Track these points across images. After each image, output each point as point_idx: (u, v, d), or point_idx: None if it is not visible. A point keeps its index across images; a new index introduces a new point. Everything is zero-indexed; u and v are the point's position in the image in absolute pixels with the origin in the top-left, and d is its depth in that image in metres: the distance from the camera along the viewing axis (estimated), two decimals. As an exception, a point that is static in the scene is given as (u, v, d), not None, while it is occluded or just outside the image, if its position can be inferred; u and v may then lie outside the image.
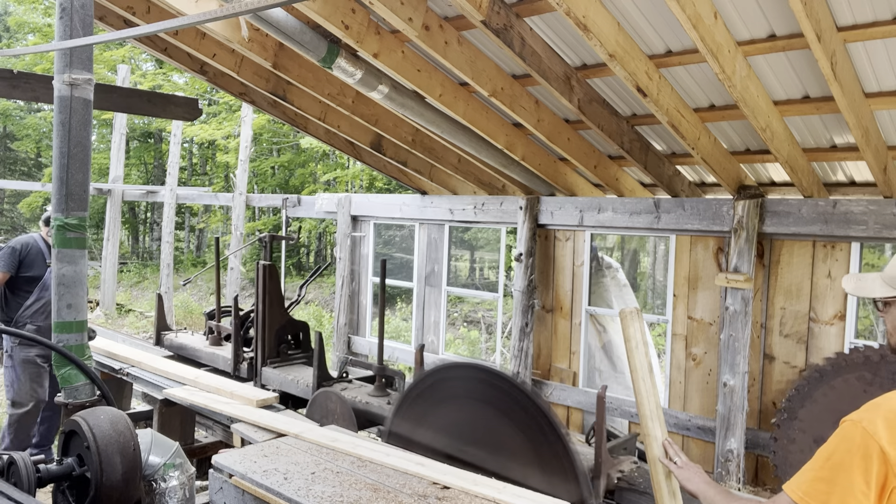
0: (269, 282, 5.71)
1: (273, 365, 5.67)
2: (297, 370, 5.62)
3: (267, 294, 5.69)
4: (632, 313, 2.52)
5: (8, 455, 2.34)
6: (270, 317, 5.71)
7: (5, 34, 24.34)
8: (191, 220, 26.23)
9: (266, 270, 5.75)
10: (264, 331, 5.70)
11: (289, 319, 5.92)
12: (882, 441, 1.46)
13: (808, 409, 5.27)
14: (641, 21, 4.17)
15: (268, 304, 5.69)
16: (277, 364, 5.71)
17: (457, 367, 3.63)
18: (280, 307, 5.81)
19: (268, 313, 5.69)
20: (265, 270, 5.75)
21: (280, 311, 5.81)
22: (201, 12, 1.81)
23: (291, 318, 5.96)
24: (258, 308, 5.73)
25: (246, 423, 3.80)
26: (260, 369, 5.69)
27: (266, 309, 5.69)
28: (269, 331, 5.71)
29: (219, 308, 6.74)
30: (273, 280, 5.75)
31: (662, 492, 2.29)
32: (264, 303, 5.68)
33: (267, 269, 5.75)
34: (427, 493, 2.61)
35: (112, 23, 5.74)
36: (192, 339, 6.77)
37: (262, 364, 5.68)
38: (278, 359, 5.76)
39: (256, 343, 5.76)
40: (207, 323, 6.85)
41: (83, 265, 2.94)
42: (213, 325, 6.60)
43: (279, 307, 5.80)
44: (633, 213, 6.42)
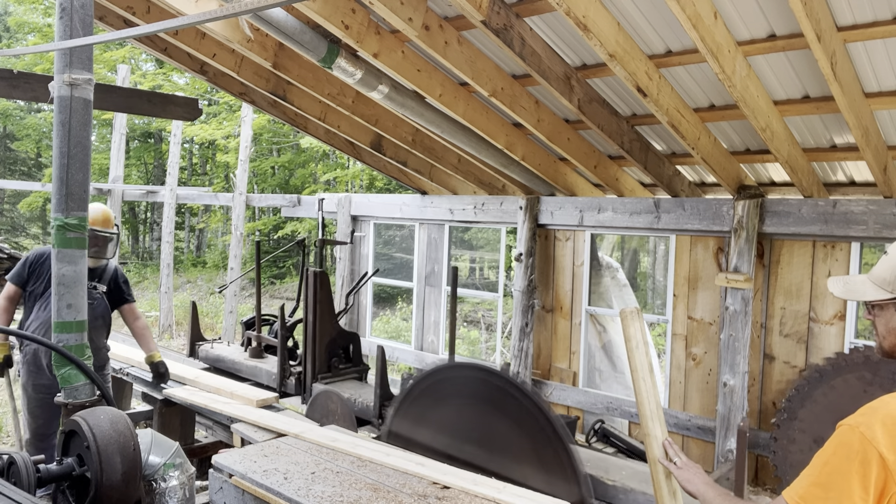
0: (320, 290, 5.31)
1: (324, 380, 5.31)
2: (351, 387, 5.26)
3: (318, 303, 5.30)
4: (632, 313, 2.51)
5: (8, 455, 2.34)
6: (321, 328, 5.33)
7: (5, 34, 24.34)
8: (191, 220, 26.23)
9: (317, 278, 5.34)
10: (315, 343, 5.30)
11: (339, 331, 5.52)
12: (880, 446, 1.45)
13: (808, 409, 5.27)
14: (641, 21, 4.17)
15: (319, 314, 5.32)
16: (329, 379, 5.35)
17: (457, 367, 3.64)
18: (331, 318, 5.44)
19: (319, 324, 5.32)
20: (316, 278, 5.35)
21: (331, 321, 5.42)
22: (201, 12, 1.81)
23: (342, 329, 5.58)
24: (307, 318, 5.35)
25: (246, 423, 3.80)
26: (310, 385, 5.28)
27: (317, 320, 5.31)
28: (319, 343, 5.33)
29: (259, 317, 6.38)
30: (324, 289, 5.36)
31: (662, 492, 2.29)
32: (315, 313, 5.30)
33: (318, 276, 5.35)
34: (427, 492, 2.61)
35: (112, 23, 5.73)
36: (229, 350, 6.38)
37: (312, 379, 5.28)
38: (329, 374, 5.38)
39: (305, 356, 5.36)
40: (245, 333, 6.47)
41: (83, 265, 2.94)
42: (254, 336, 6.22)
43: (330, 318, 5.42)
44: (633, 213, 6.42)
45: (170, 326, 13.65)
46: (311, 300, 5.33)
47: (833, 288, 1.83)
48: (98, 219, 4.51)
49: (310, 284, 5.36)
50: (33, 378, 4.44)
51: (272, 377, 5.61)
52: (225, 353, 6.24)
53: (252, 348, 6.14)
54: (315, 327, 5.31)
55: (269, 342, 6.10)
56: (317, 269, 5.45)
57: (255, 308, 6.37)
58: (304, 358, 5.36)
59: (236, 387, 4.84)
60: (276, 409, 4.35)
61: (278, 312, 5.69)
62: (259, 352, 6.13)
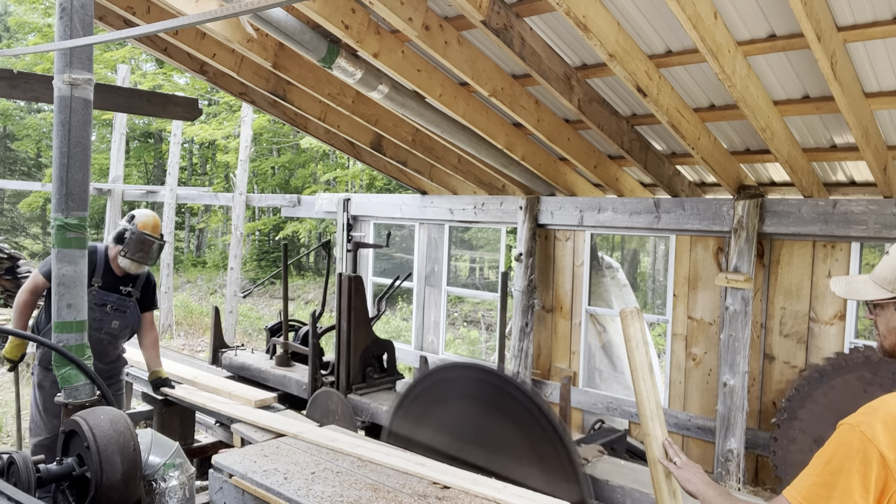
0: (354, 296, 5.01)
1: (359, 391, 5.03)
2: (388, 398, 5.01)
3: (353, 310, 5.00)
4: (632, 313, 2.51)
5: (8, 455, 2.34)
6: (356, 336, 5.03)
7: (5, 34, 24.34)
8: (191, 220, 26.24)
9: (351, 283, 5.04)
10: (349, 352, 5.02)
11: (374, 339, 5.20)
12: (881, 445, 1.45)
13: (808, 409, 5.27)
14: (641, 21, 4.17)
15: (353, 321, 5.01)
16: (364, 390, 5.06)
17: (457, 367, 3.64)
18: (366, 325, 5.12)
19: (353, 332, 5.01)
20: (350, 283, 5.04)
21: (366, 329, 5.12)
22: (201, 12, 1.81)
23: (377, 338, 5.24)
24: (341, 326, 5.05)
25: (245, 424, 3.80)
26: (346, 395, 5.03)
27: (351, 327, 5.00)
28: (354, 352, 5.03)
29: (286, 323, 6.07)
30: (359, 294, 5.06)
31: (662, 492, 2.29)
32: (349, 320, 5.00)
33: (352, 281, 5.05)
34: (427, 492, 2.61)
35: (112, 23, 5.73)
36: (254, 358, 6.11)
37: (347, 390, 5.03)
38: (364, 384, 5.09)
39: (338, 366, 5.07)
40: (271, 340, 6.19)
41: (83, 265, 2.94)
42: (280, 343, 5.92)
43: (365, 325, 5.10)
44: (633, 213, 6.42)
45: (170, 326, 13.66)
46: (344, 306, 5.01)
47: (835, 287, 1.83)
48: (149, 224, 4.48)
49: (343, 289, 5.05)
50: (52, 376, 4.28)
51: (302, 387, 5.38)
52: (250, 360, 5.98)
53: (279, 356, 5.86)
54: (349, 335, 5.02)
55: (296, 350, 5.83)
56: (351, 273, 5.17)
57: (282, 313, 6.05)
58: (337, 367, 5.09)
59: (234, 387, 4.83)
60: (275, 410, 4.35)
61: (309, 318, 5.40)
62: (286, 360, 5.87)
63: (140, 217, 4.53)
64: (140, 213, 4.59)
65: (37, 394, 4.34)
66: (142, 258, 4.46)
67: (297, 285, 20.41)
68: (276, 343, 6.03)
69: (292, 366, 5.82)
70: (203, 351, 12.50)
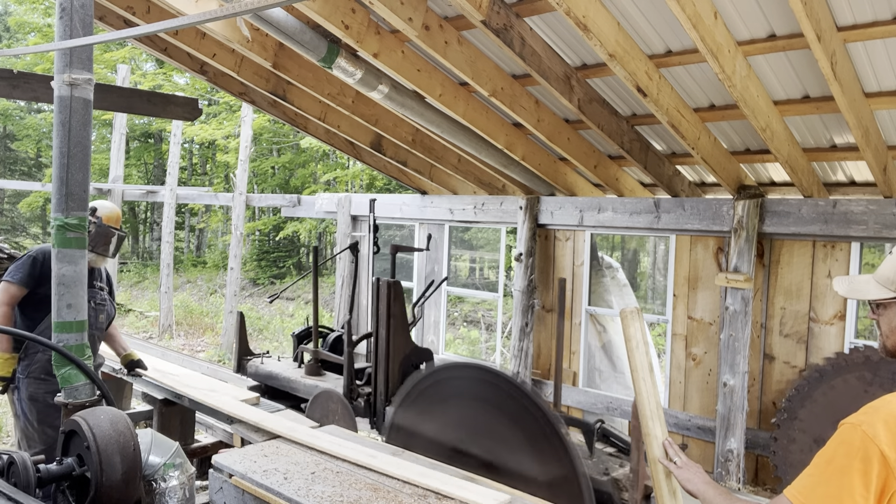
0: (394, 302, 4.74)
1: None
2: None
3: (392, 317, 4.72)
4: (632, 313, 2.51)
5: (8, 455, 2.34)
6: (395, 344, 4.76)
7: (5, 34, 24.35)
8: (191, 220, 26.24)
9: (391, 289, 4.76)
10: (387, 361, 4.73)
11: (413, 347, 4.90)
12: (882, 444, 1.45)
13: (808, 409, 5.28)
14: (641, 21, 4.17)
15: (392, 328, 4.73)
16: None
17: (457, 367, 3.64)
18: (405, 332, 4.84)
19: (392, 340, 4.73)
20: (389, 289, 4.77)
21: (405, 337, 4.84)
22: (201, 12, 1.81)
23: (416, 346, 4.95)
24: (379, 333, 4.78)
25: (245, 424, 3.80)
26: (382, 408, 4.71)
27: (391, 335, 4.72)
28: (392, 361, 4.74)
29: (316, 330, 5.75)
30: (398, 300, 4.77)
31: (662, 491, 2.29)
32: (388, 327, 4.72)
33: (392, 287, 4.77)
34: (427, 492, 2.61)
35: (112, 23, 5.73)
36: (281, 366, 5.79)
37: (385, 402, 4.69)
38: None
39: (376, 376, 4.79)
40: (300, 348, 5.89)
41: (83, 265, 2.94)
42: (311, 351, 5.60)
43: (404, 332, 4.83)
44: (633, 213, 6.42)
45: (170, 326, 13.66)
46: (383, 313, 4.72)
47: (838, 287, 1.84)
48: (113, 216, 4.40)
49: (382, 295, 4.74)
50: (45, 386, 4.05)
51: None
52: (277, 369, 5.66)
53: (308, 365, 5.52)
54: (388, 343, 4.73)
55: (327, 358, 5.52)
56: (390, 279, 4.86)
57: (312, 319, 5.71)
58: (375, 377, 4.80)
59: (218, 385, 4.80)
60: (273, 409, 4.34)
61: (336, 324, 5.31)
62: (317, 369, 5.56)
63: (103, 209, 4.41)
64: (102, 204, 4.47)
65: (27, 407, 4.08)
66: (104, 251, 4.37)
67: (297, 285, 20.40)
68: (304, 351, 5.75)
69: (323, 375, 5.56)
70: (203, 351, 12.50)
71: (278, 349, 12.82)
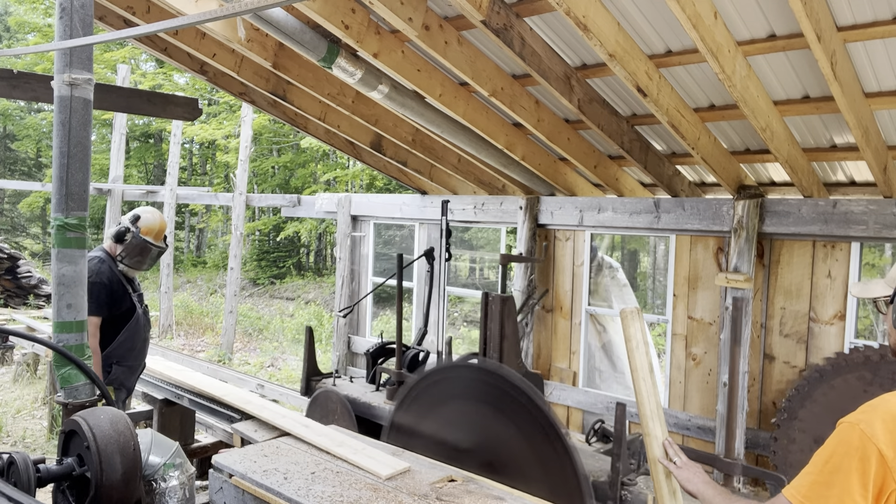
0: (506, 321, 4.14)
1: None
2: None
3: (504, 338, 4.15)
4: (632, 313, 2.52)
5: (8, 455, 2.34)
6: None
7: (5, 34, 24.35)
8: (191, 220, 26.24)
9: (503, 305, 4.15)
10: None
11: (525, 371, 4.30)
12: (880, 443, 1.45)
13: (808, 409, 5.28)
14: (641, 21, 4.17)
15: (504, 350, 4.14)
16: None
17: (457, 367, 3.64)
18: (517, 355, 4.27)
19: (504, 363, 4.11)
20: (503, 305, 4.15)
21: (517, 360, 4.27)
22: (201, 12, 1.81)
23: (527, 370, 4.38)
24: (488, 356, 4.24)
25: (246, 424, 3.80)
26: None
27: (503, 358, 4.16)
28: None
29: (399, 349, 5.05)
30: (511, 319, 4.17)
31: (662, 491, 2.29)
32: (500, 349, 4.13)
33: (504, 303, 4.17)
34: (427, 492, 2.61)
35: (112, 23, 5.73)
36: (355, 388, 5.19)
37: None
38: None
39: None
40: (375, 367, 5.29)
41: (83, 265, 2.94)
42: (393, 373, 4.98)
43: (516, 355, 4.25)
44: (633, 213, 6.43)
45: (170, 326, 13.66)
46: (494, 332, 4.15)
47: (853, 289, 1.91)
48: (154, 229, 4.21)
49: (494, 312, 4.18)
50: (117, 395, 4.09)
51: None
52: (352, 391, 5.06)
53: (391, 388, 4.92)
54: None
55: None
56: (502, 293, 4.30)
57: (396, 335, 5.07)
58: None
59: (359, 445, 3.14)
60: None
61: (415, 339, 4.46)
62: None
63: (145, 221, 4.23)
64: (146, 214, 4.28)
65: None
66: (138, 264, 4.24)
67: (297, 285, 20.41)
68: (382, 371, 5.17)
69: None
70: (203, 351, 12.51)
71: (278, 349, 12.83)
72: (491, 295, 4.22)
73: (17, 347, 9.41)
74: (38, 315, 10.18)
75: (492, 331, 4.18)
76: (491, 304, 4.21)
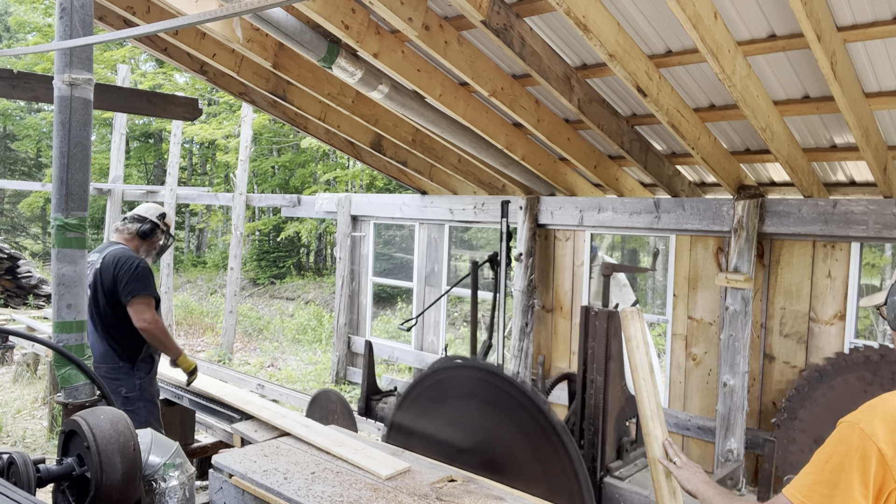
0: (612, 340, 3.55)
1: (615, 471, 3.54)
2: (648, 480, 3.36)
3: (610, 359, 3.54)
4: (632, 313, 2.52)
5: (8, 455, 2.34)
6: (612, 395, 3.59)
7: (5, 34, 24.35)
8: (191, 219, 26.24)
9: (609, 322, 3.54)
10: (603, 417, 3.55)
11: (628, 396, 3.73)
12: (880, 442, 1.45)
13: (808, 409, 5.28)
14: (641, 21, 4.17)
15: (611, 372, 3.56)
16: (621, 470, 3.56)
17: (457, 367, 3.64)
18: (622, 378, 3.70)
19: (609, 389, 3.57)
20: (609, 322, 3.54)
21: (621, 385, 3.69)
22: (201, 12, 1.81)
23: (630, 395, 3.74)
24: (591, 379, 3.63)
25: (246, 424, 3.80)
26: (600, 481, 3.51)
27: (608, 383, 3.56)
28: (608, 417, 3.58)
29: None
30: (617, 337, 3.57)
31: (662, 491, 2.29)
32: (605, 371, 3.55)
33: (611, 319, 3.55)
34: (427, 492, 2.61)
35: (112, 23, 5.73)
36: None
37: (602, 470, 3.54)
38: (620, 461, 3.61)
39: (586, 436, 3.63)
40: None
41: (83, 265, 2.94)
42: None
43: (620, 380, 3.68)
44: (633, 213, 6.42)
45: (170, 326, 13.65)
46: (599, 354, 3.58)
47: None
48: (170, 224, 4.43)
49: (598, 330, 3.58)
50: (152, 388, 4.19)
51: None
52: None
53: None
54: (605, 393, 3.56)
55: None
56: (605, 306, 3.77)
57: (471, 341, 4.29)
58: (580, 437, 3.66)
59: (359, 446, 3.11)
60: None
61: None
62: None
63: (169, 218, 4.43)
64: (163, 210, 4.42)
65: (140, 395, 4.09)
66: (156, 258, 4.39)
67: (297, 285, 20.39)
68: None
69: None
70: (203, 351, 12.51)
71: (278, 349, 12.83)
72: (594, 309, 3.60)
73: (17, 347, 9.41)
74: (38, 315, 10.17)
75: (595, 351, 3.60)
76: (594, 321, 3.60)
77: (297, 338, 13.73)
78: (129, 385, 4.05)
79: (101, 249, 4.23)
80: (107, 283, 3.99)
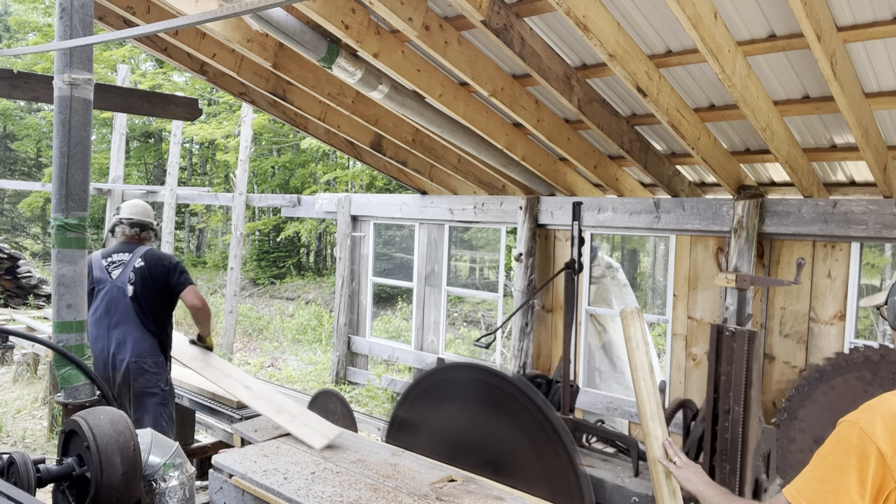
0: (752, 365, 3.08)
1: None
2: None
3: (750, 387, 3.09)
4: (632, 313, 2.52)
5: (8, 455, 2.34)
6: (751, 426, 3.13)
7: (5, 34, 24.35)
8: (191, 220, 26.23)
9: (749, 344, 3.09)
10: (742, 452, 3.09)
11: (763, 428, 3.35)
12: (879, 442, 1.45)
13: (808, 409, 5.28)
14: (641, 21, 4.17)
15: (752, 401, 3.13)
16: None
17: (458, 367, 3.64)
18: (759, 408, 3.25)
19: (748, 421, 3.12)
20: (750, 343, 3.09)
21: (759, 412, 3.27)
22: (201, 12, 1.81)
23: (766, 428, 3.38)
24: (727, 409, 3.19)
25: (246, 424, 3.80)
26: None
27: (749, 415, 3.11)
28: (745, 452, 3.11)
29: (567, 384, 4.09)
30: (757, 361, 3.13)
31: (662, 491, 2.29)
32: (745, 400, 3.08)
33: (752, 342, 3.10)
34: (427, 492, 2.61)
35: (112, 23, 5.73)
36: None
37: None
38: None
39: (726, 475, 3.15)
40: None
41: (83, 265, 2.94)
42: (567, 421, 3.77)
43: (757, 409, 3.23)
44: (633, 213, 6.42)
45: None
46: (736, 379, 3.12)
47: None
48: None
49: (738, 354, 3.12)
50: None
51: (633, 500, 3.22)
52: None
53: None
54: (745, 427, 3.12)
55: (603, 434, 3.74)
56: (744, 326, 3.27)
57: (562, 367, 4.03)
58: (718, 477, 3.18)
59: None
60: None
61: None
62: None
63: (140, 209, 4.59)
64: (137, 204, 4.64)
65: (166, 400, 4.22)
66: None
67: (297, 285, 20.39)
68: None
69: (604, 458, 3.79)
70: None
71: (278, 349, 12.83)
72: (729, 329, 3.12)
73: (17, 347, 9.41)
74: (38, 315, 10.16)
75: (732, 377, 3.15)
76: (729, 342, 3.13)
77: (297, 338, 13.73)
78: (166, 379, 4.22)
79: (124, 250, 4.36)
80: (159, 277, 4.22)
